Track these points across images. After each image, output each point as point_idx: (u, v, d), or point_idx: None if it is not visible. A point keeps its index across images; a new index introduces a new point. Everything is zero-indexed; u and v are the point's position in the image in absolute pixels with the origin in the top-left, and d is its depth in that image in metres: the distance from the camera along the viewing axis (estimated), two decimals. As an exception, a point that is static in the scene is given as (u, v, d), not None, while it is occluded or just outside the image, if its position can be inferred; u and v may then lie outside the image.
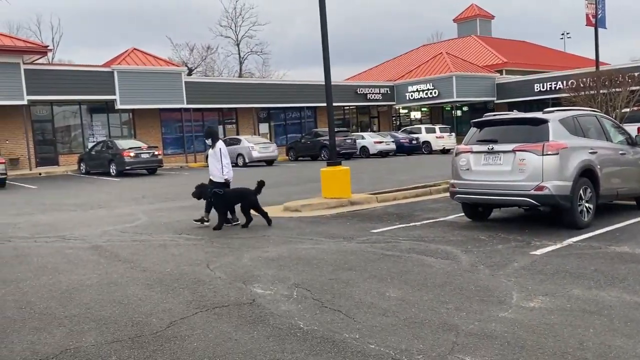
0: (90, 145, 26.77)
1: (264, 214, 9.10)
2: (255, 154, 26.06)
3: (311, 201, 11.10)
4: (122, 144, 23.13)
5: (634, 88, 15.44)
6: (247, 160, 25.97)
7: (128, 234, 8.84)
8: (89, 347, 4.03)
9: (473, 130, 8.52)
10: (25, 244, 8.23)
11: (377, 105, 40.99)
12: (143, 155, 22.42)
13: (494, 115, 9.00)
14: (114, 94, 26.99)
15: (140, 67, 28.06)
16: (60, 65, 31.45)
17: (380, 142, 30.22)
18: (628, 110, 15.26)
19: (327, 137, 28.69)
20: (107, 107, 28.47)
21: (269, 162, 26.93)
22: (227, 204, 9.12)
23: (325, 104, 11.27)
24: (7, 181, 19.38)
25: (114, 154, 22.41)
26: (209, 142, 9.64)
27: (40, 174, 24.16)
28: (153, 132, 30.52)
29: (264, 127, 35.38)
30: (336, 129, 28.40)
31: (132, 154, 21.99)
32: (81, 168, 24.36)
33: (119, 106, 27.34)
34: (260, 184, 9.16)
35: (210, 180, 9.48)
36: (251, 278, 5.74)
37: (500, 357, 3.54)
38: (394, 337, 3.97)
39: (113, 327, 4.43)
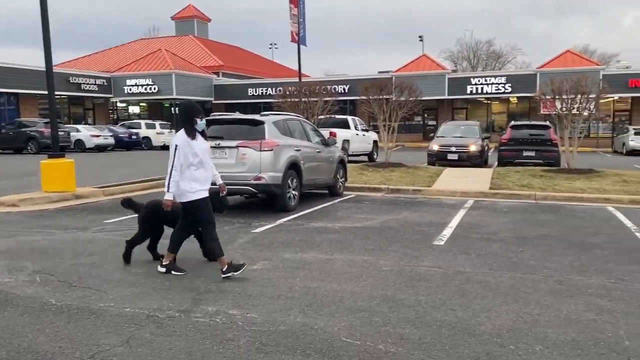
0: None
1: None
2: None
3: (31, 195, 10.47)
4: None
5: (327, 99, 18.64)
6: None
7: None
8: None
9: (201, 127, 9.47)
10: None
11: (93, 97, 38.76)
12: None
13: (220, 115, 10.14)
14: None
15: None
16: None
17: (98, 136, 28.84)
18: (323, 117, 18.40)
19: (34, 128, 26.34)
20: None
21: (-40, 154, 23.16)
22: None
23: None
24: None
25: None
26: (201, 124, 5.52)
27: None
28: None
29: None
30: (45, 120, 25.97)
31: None
32: None
33: None
34: None
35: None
36: (-19, 270, 5.53)
37: (233, 304, 4.55)
38: (146, 301, 4.61)
39: None
